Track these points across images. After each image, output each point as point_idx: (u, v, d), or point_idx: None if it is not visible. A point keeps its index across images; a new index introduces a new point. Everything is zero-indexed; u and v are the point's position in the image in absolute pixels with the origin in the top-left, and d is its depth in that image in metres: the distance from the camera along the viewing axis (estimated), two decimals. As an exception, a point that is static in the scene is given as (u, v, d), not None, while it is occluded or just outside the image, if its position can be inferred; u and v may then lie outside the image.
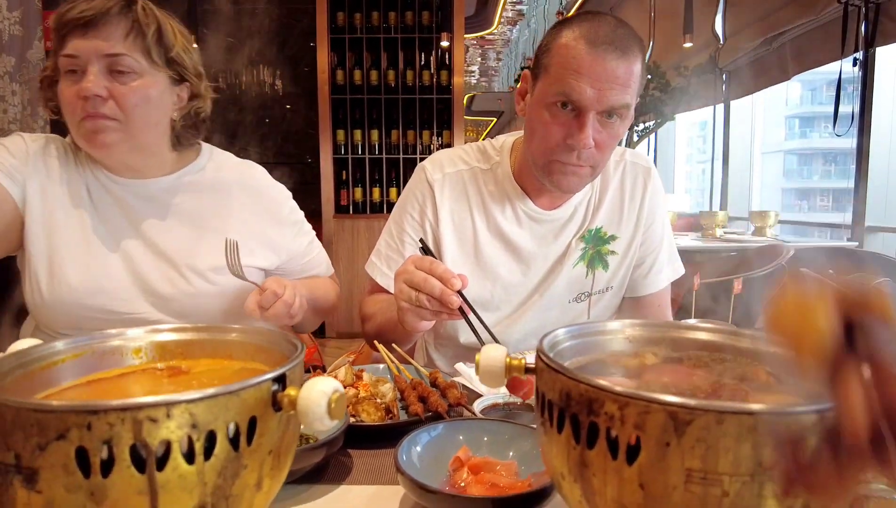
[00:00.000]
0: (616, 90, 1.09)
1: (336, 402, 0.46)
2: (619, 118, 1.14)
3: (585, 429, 0.45)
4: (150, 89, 1.13)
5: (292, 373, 0.51)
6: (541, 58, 1.16)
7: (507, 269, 1.33)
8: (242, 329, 0.64)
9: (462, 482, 0.75)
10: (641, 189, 1.36)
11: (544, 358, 0.50)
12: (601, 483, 0.44)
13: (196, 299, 1.22)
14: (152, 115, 1.15)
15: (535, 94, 1.17)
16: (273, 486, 0.52)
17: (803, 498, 0.40)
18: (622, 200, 1.36)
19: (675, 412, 0.40)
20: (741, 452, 0.40)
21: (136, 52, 1.10)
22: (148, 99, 1.13)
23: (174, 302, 1.21)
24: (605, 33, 1.09)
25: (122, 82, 1.09)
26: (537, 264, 1.34)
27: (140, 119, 1.13)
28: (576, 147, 1.12)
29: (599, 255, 1.35)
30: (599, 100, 1.09)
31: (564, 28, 1.13)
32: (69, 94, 1.08)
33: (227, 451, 0.45)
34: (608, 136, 1.15)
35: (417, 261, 1.04)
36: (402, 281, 1.04)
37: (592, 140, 1.12)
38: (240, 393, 0.46)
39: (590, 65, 1.08)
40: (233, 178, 1.31)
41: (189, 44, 1.19)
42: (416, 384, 1.03)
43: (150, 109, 1.14)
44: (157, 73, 1.14)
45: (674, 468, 0.41)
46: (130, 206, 1.22)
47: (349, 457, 0.87)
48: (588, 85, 1.09)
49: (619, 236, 1.35)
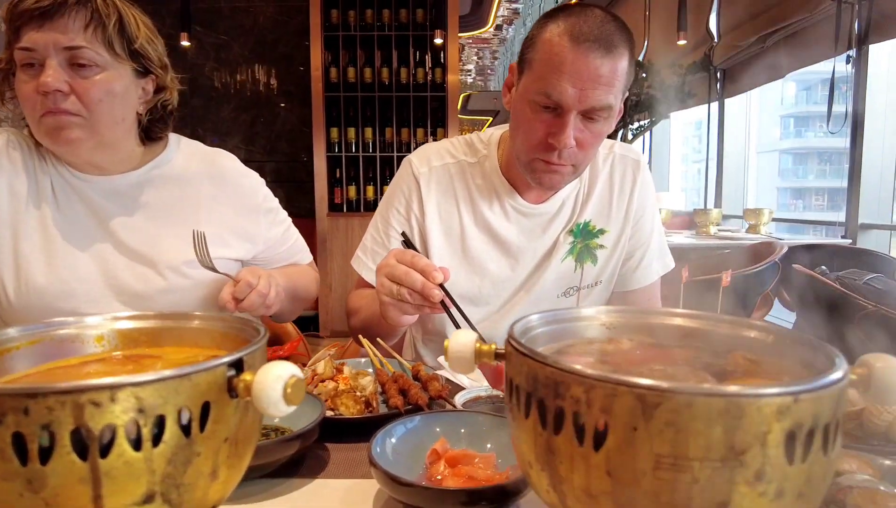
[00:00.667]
0: (599, 90, 1.06)
1: (292, 387, 0.44)
2: (603, 118, 1.11)
3: (552, 414, 0.43)
4: (114, 83, 1.08)
5: (251, 359, 0.49)
6: (526, 51, 1.13)
7: (495, 264, 1.31)
8: (205, 316, 0.62)
9: (439, 475, 0.73)
10: (630, 182, 1.34)
11: (513, 342, 0.48)
12: (568, 470, 0.42)
13: (171, 295, 1.20)
14: (117, 110, 1.10)
15: (520, 89, 1.15)
16: (231, 476, 0.50)
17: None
18: (611, 193, 1.34)
19: (642, 394, 0.38)
20: (712, 436, 0.38)
21: (97, 45, 1.05)
22: (112, 93, 1.08)
23: (149, 299, 1.18)
24: (590, 29, 1.05)
25: (83, 76, 1.05)
26: (525, 259, 1.32)
27: (104, 114, 1.08)
28: (557, 146, 1.10)
29: (588, 249, 1.33)
30: (581, 99, 1.06)
31: (550, 21, 1.10)
32: (27, 89, 1.03)
33: (177, 437, 0.43)
34: (591, 136, 1.12)
35: (399, 255, 1.02)
36: (384, 275, 1.02)
37: (573, 140, 1.10)
38: (191, 376, 0.44)
39: (572, 63, 1.05)
40: (202, 169, 1.27)
41: (153, 34, 1.15)
42: (398, 377, 1.01)
43: (114, 104, 1.09)
44: (121, 65, 1.10)
45: (642, 453, 0.39)
46: (97, 204, 1.18)
47: (326, 451, 0.85)
48: (569, 84, 1.05)
49: (608, 230, 1.33)
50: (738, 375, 0.50)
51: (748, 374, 0.49)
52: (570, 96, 1.06)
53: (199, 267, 1.15)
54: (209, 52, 5.09)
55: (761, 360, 0.51)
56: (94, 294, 1.16)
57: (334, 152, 4.89)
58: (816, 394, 0.39)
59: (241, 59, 5.14)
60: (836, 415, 0.41)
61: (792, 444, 0.39)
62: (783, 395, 0.38)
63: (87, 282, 1.16)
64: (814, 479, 0.40)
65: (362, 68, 4.86)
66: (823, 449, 0.40)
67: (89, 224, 1.18)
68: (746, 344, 0.53)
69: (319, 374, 0.98)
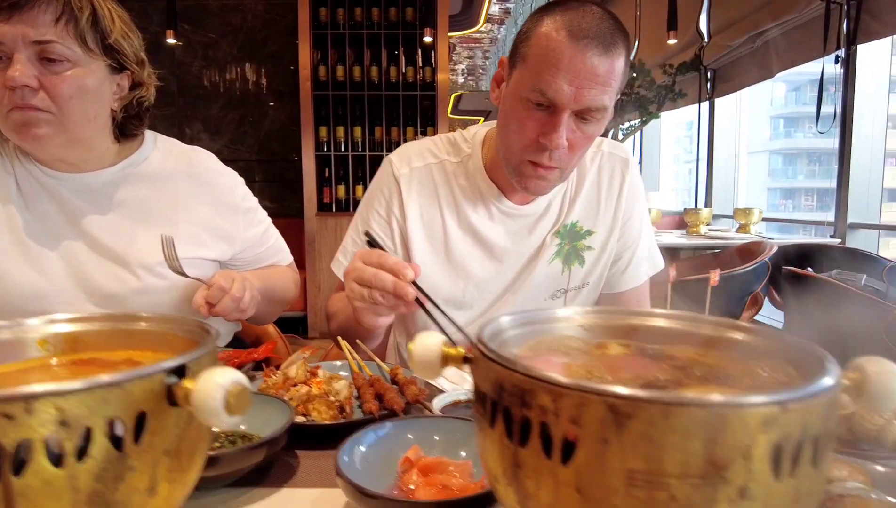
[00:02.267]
0: (595, 89, 1.02)
1: (236, 397, 0.40)
2: (596, 119, 1.07)
3: (518, 424, 0.39)
4: (86, 79, 1.04)
5: (196, 365, 0.45)
6: (519, 45, 1.09)
7: (480, 267, 1.27)
8: (159, 317, 0.58)
9: (411, 484, 0.69)
10: (619, 181, 1.30)
11: (480, 346, 0.44)
12: (535, 485, 0.39)
13: (146, 296, 1.16)
14: (89, 108, 1.07)
15: (511, 84, 1.10)
16: (175, 491, 0.46)
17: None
18: (599, 193, 1.30)
19: (614, 404, 0.35)
20: (690, 450, 0.34)
21: (69, 39, 1.01)
22: (83, 89, 1.04)
23: (123, 300, 1.14)
24: (588, 25, 1.01)
25: (53, 71, 1.01)
26: (511, 261, 1.28)
27: (75, 111, 1.04)
28: (548, 146, 1.06)
29: (575, 251, 1.29)
30: (576, 98, 1.02)
31: (546, 15, 1.05)
32: None
33: (106, 451, 0.39)
34: (582, 137, 1.08)
35: (364, 256, 0.98)
36: (352, 279, 0.97)
37: (566, 140, 1.06)
38: (123, 385, 0.40)
39: (569, 59, 1.00)
40: (179, 167, 1.24)
41: (129, 29, 1.11)
42: (375, 381, 0.97)
43: (86, 101, 1.05)
44: (94, 61, 1.06)
45: (614, 469, 0.35)
46: (68, 202, 1.14)
47: (296, 458, 0.81)
48: (566, 82, 1.01)
49: (596, 231, 1.30)
50: (721, 381, 0.46)
51: (731, 380, 0.46)
52: (566, 94, 1.02)
53: (168, 271, 1.12)
54: (197, 51, 5.03)
55: (746, 364, 0.48)
56: (65, 295, 1.12)
57: (323, 151, 4.84)
58: (806, 403, 0.35)
59: (230, 57, 5.08)
60: (827, 425, 0.37)
61: (779, 458, 0.35)
62: (769, 405, 0.34)
63: (59, 283, 1.12)
64: (803, 496, 0.37)
65: (351, 67, 4.82)
66: (813, 463, 0.37)
67: (60, 223, 1.14)
68: (731, 347, 0.50)
69: (291, 378, 0.94)
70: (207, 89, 5.02)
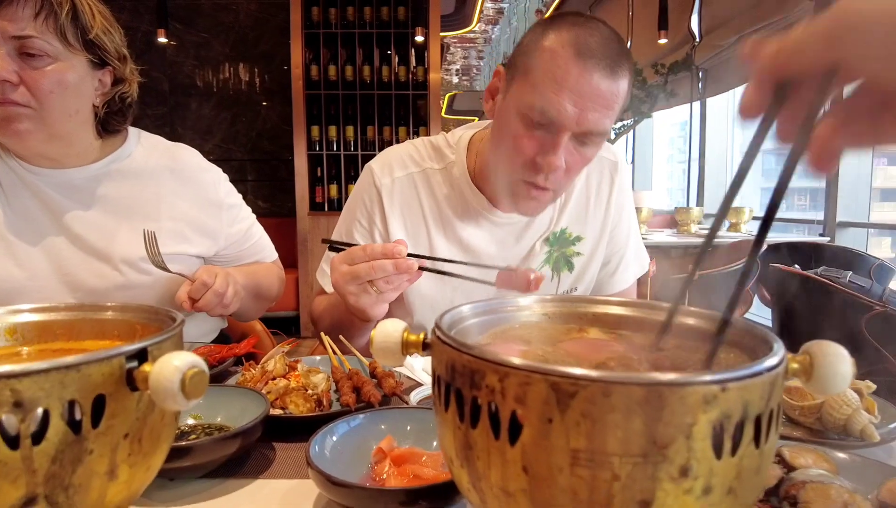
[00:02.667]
0: (599, 112, 0.98)
1: (192, 379, 0.41)
2: (594, 143, 1.03)
3: (468, 406, 0.40)
4: (67, 74, 1.04)
5: (158, 350, 0.46)
6: (519, 58, 1.03)
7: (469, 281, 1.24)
8: (126, 306, 0.58)
9: (384, 474, 0.70)
10: (608, 185, 1.28)
11: (436, 331, 0.45)
12: (485, 465, 0.39)
13: (130, 291, 1.17)
14: (70, 103, 1.07)
15: (509, 98, 1.05)
16: (137, 475, 0.46)
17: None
18: (588, 198, 1.27)
19: (556, 383, 0.35)
20: (631, 429, 0.35)
21: (49, 34, 1.01)
22: (64, 85, 1.04)
23: (106, 296, 1.14)
24: (595, 44, 0.96)
25: (33, 67, 1.01)
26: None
27: (56, 107, 1.04)
28: (544, 169, 1.02)
29: (564, 257, 1.27)
30: (579, 120, 0.97)
31: (550, 30, 0.99)
32: None
33: (63, 434, 0.40)
34: (579, 159, 1.04)
35: (347, 258, 0.96)
36: (348, 282, 0.95)
37: (564, 162, 1.01)
38: (80, 367, 0.40)
39: (575, 79, 0.95)
40: (163, 163, 1.24)
41: (111, 24, 1.11)
42: (353, 374, 0.97)
43: (67, 96, 1.05)
44: (74, 56, 1.06)
45: (558, 448, 0.36)
46: (50, 198, 1.14)
47: (272, 449, 0.82)
48: (569, 102, 0.96)
49: (585, 237, 1.28)
50: (675, 367, 0.47)
51: (685, 364, 0.47)
52: (569, 115, 0.97)
53: (151, 267, 1.12)
54: (189, 50, 5.03)
55: (702, 350, 0.49)
56: (47, 291, 1.12)
57: (315, 151, 4.84)
58: (745, 383, 0.36)
59: (222, 56, 5.08)
60: (769, 405, 0.38)
61: (720, 437, 0.36)
62: (709, 384, 0.35)
63: (40, 279, 1.12)
64: (745, 474, 0.38)
65: (343, 66, 4.82)
66: (755, 442, 0.38)
67: (41, 219, 1.14)
68: (687, 333, 0.51)
69: (270, 372, 0.94)
70: (199, 89, 5.01)
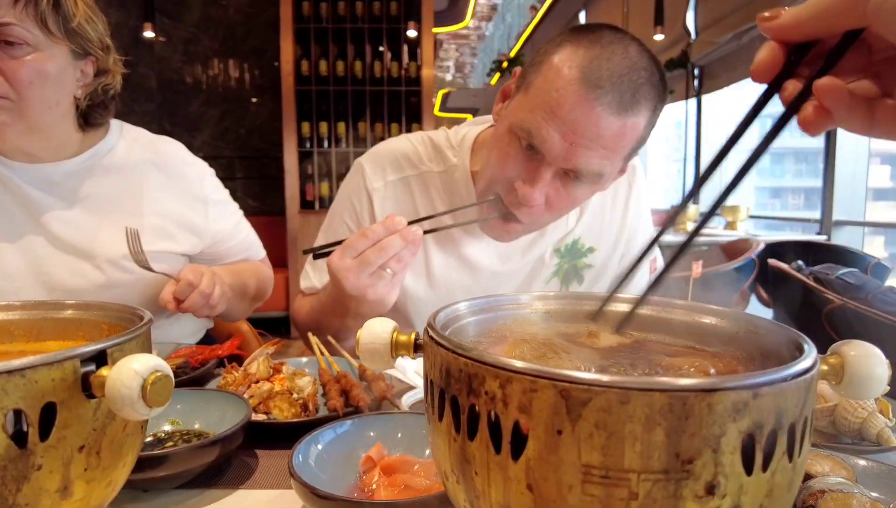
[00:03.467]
0: (595, 151, 0.85)
1: (154, 384, 0.36)
2: (587, 184, 0.92)
3: (465, 414, 0.35)
4: (47, 64, 1.00)
5: (119, 352, 0.41)
6: (530, 68, 0.93)
7: (466, 292, 1.12)
8: (92, 303, 0.53)
9: (373, 484, 0.65)
10: (626, 192, 1.17)
11: (429, 331, 0.40)
12: (484, 482, 0.35)
13: (110, 290, 1.12)
14: (50, 94, 1.02)
15: (509, 109, 0.96)
16: (95, 492, 0.42)
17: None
18: (603, 206, 1.17)
19: (566, 389, 0.31)
20: (652, 441, 0.30)
21: (28, 22, 0.97)
22: (44, 75, 1.00)
23: (86, 296, 1.09)
24: (612, 70, 0.82)
25: (11, 56, 0.96)
26: (502, 284, 1.15)
27: (35, 98, 1.00)
28: (519, 199, 0.92)
29: (575, 270, 1.18)
30: (567, 157, 0.86)
31: (568, 42, 0.87)
32: None
33: (4, 447, 0.35)
34: (565, 198, 0.93)
35: (350, 250, 0.88)
36: (361, 273, 0.88)
37: (542, 198, 0.91)
38: (25, 373, 0.36)
39: (570, 108, 0.83)
40: (146, 157, 1.19)
41: (94, 13, 1.07)
42: (341, 377, 0.93)
43: (46, 87, 1.01)
44: (55, 45, 1.01)
45: (568, 463, 0.32)
46: (28, 194, 1.09)
47: (255, 457, 0.77)
48: (559, 133, 0.85)
49: (598, 249, 1.18)
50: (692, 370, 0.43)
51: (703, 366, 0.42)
52: (555, 148, 0.86)
53: (133, 265, 1.07)
54: (177, 45, 4.95)
55: (721, 352, 0.45)
56: (24, 292, 1.07)
57: (306, 148, 4.78)
58: (780, 387, 0.32)
59: (211, 52, 5.01)
60: (803, 413, 0.34)
61: (751, 449, 0.32)
62: (739, 389, 0.31)
63: (16, 279, 1.07)
64: (777, 491, 0.33)
65: (334, 61, 4.76)
66: (788, 455, 0.33)
67: (17, 216, 1.09)
68: (704, 332, 0.46)
69: (253, 374, 0.89)
70: (188, 85, 4.94)
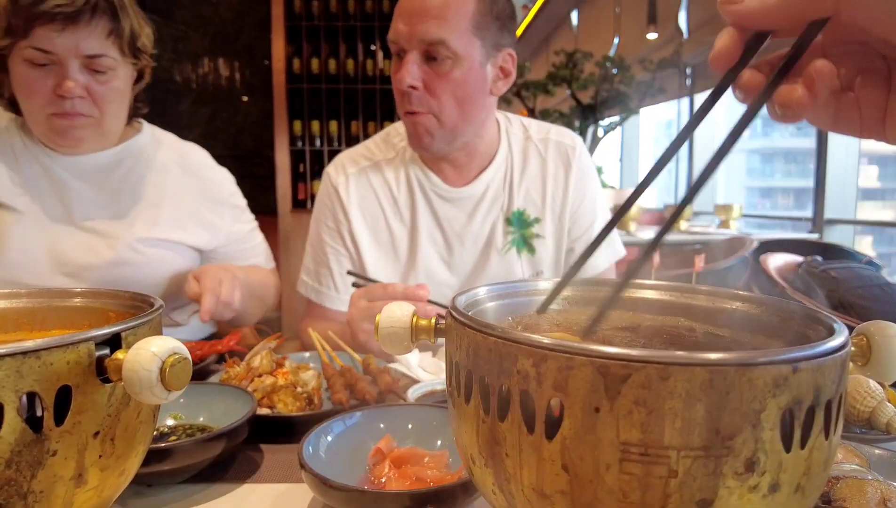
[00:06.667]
0: (428, 23, 1.06)
1: (172, 367, 0.35)
2: (444, 59, 1.09)
3: (496, 395, 0.34)
4: (121, 82, 1.11)
5: (133, 336, 0.40)
6: None
7: (430, 261, 1.27)
8: (96, 291, 0.52)
9: (383, 476, 0.64)
10: (565, 169, 1.29)
11: (454, 313, 0.40)
12: (516, 464, 0.34)
13: (121, 268, 1.17)
14: (122, 106, 1.15)
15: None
16: (108, 480, 0.41)
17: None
18: (544, 181, 1.29)
19: (605, 366, 0.30)
20: (692, 418, 0.30)
21: (112, 50, 1.07)
22: (120, 92, 1.12)
23: (96, 271, 1.15)
24: None
25: (99, 81, 1.07)
26: (460, 252, 1.27)
27: (113, 113, 1.13)
28: (399, 86, 1.11)
29: (524, 239, 1.29)
30: (409, 36, 1.08)
31: None
32: (39, 87, 1.04)
33: (19, 432, 0.34)
34: (438, 79, 1.10)
35: (369, 294, 1.00)
36: (364, 319, 1.00)
37: (418, 81, 1.10)
38: (41, 354, 0.35)
39: (404, 3, 1.10)
40: (173, 158, 1.28)
41: (146, 22, 1.16)
42: (346, 370, 0.92)
43: (120, 102, 1.13)
44: (126, 63, 1.12)
45: (605, 442, 0.31)
46: (63, 180, 1.16)
47: (260, 452, 0.76)
48: (401, 22, 1.09)
49: (543, 219, 1.29)
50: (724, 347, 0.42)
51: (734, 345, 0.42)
52: (402, 33, 1.09)
53: (153, 246, 1.18)
54: (167, 43, 4.90)
55: (750, 336, 0.44)
56: (36, 265, 1.13)
57: (297, 147, 4.75)
58: (818, 362, 0.31)
59: (201, 50, 4.96)
60: (839, 390, 0.33)
61: (789, 426, 0.31)
62: (780, 363, 0.30)
63: (29, 253, 1.13)
64: (814, 469, 0.33)
65: (326, 60, 4.74)
66: (825, 432, 0.33)
67: (48, 197, 1.17)
68: (729, 317, 0.46)
69: (255, 368, 0.88)
70: (178, 83, 4.89)
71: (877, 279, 2.23)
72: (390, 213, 1.27)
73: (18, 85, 1.07)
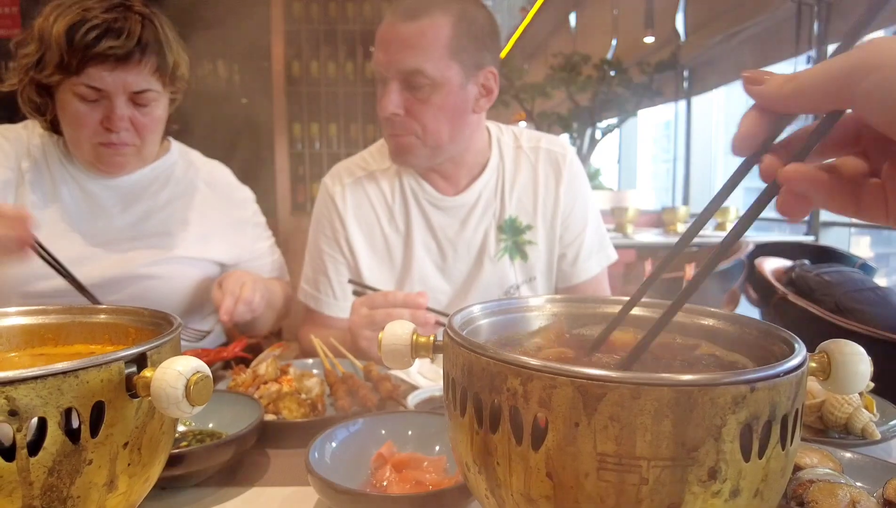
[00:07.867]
0: (404, 53, 1.09)
1: (196, 385, 0.39)
2: (422, 86, 1.11)
3: (488, 410, 0.38)
4: (161, 110, 1.17)
5: (157, 354, 0.44)
6: None
7: (424, 268, 1.30)
8: (117, 308, 0.56)
9: (384, 480, 0.68)
10: (555, 176, 1.32)
11: (449, 332, 0.43)
12: (506, 472, 0.38)
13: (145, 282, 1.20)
14: (160, 132, 1.21)
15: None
16: (135, 485, 0.44)
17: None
18: (535, 189, 1.32)
19: (584, 385, 0.34)
20: (660, 432, 0.34)
21: (157, 84, 1.13)
22: (160, 120, 1.18)
23: (121, 285, 1.19)
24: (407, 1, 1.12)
25: (143, 113, 1.13)
26: (453, 259, 1.31)
27: (153, 140, 1.19)
28: (384, 114, 1.15)
29: (517, 246, 1.32)
30: (388, 65, 1.12)
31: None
32: (88, 121, 1.09)
33: (61, 444, 0.38)
34: (419, 104, 1.13)
35: (369, 302, 1.03)
36: (365, 326, 1.03)
37: (399, 108, 1.13)
38: (79, 373, 0.38)
39: (382, 32, 1.13)
40: (200, 176, 1.33)
41: (184, 49, 1.20)
42: (348, 377, 0.96)
43: (160, 128, 1.19)
44: (166, 91, 1.17)
45: (585, 452, 0.35)
46: (97, 195, 1.22)
47: (266, 457, 0.80)
48: (381, 51, 1.12)
49: (535, 226, 1.32)
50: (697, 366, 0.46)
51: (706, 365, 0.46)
52: (381, 64, 1.13)
53: (180, 262, 1.23)
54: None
55: (721, 351, 0.48)
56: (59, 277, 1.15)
57: (297, 149, 4.79)
58: (774, 382, 0.35)
59: (200, 52, 5.00)
60: (794, 405, 0.37)
61: (748, 438, 0.35)
62: (738, 384, 0.34)
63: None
64: (771, 476, 0.37)
65: (325, 63, 4.77)
66: (782, 443, 0.37)
67: (82, 212, 1.21)
68: (703, 333, 0.50)
69: (261, 376, 0.92)
70: (179, 86, 4.92)
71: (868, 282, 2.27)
72: (385, 222, 1.30)
73: (65, 115, 1.11)
